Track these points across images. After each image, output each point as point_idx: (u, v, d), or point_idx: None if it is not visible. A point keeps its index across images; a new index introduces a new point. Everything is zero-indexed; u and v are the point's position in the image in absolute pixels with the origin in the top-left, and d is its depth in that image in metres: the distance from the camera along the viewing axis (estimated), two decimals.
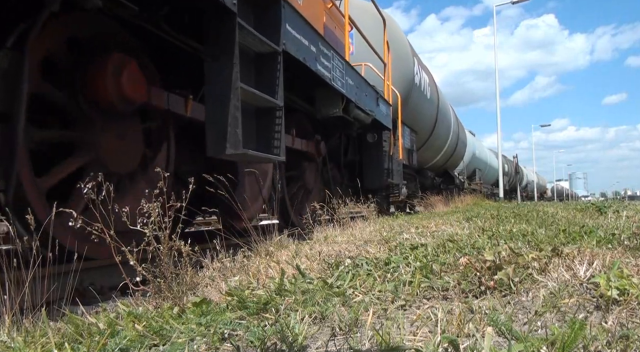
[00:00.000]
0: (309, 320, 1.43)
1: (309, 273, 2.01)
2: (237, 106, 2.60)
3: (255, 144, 3.05)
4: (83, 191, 1.73)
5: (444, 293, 1.69)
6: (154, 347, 1.30)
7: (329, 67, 4.32)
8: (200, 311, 1.53)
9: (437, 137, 12.28)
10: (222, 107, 2.61)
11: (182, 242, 1.93)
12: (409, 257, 2.22)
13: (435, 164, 13.73)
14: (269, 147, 3.09)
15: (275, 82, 3.11)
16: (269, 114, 3.11)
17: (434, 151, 12.76)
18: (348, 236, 3.62)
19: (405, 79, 8.85)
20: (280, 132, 3.09)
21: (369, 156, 7.04)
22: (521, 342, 1.08)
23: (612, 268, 1.64)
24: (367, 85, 5.81)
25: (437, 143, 12.62)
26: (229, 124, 2.59)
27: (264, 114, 3.11)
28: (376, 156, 6.99)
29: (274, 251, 2.79)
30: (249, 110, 2.97)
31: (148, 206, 1.85)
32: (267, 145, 3.09)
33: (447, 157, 14.55)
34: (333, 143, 6.40)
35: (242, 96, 2.67)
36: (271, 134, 3.11)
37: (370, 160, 7.02)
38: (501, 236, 2.93)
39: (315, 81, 4.24)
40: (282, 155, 3.11)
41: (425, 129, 11.03)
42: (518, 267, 1.82)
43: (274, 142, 3.10)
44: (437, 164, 14.00)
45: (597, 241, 2.52)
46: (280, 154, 3.10)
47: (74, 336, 1.38)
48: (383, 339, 1.17)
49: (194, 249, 1.99)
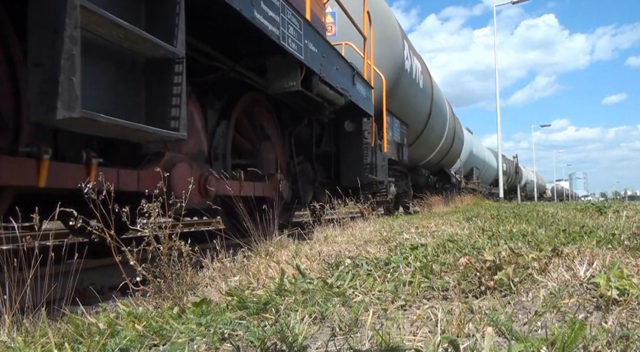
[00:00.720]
0: (309, 320, 1.43)
1: (309, 273, 2.01)
2: (74, 38, 1.67)
3: (143, 112, 2.23)
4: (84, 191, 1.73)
5: (444, 293, 1.69)
6: (154, 347, 1.30)
7: (276, 21, 3.27)
8: (200, 311, 1.53)
9: (431, 132, 11.12)
10: (50, 40, 1.68)
11: (182, 242, 1.93)
12: (409, 257, 2.22)
13: (430, 162, 12.79)
14: (163, 118, 2.22)
15: (174, 20, 2.22)
16: (163, 68, 2.22)
17: (428, 147, 11.73)
18: (348, 236, 3.62)
19: (393, 63, 7.65)
20: (180, 96, 2.22)
21: (347, 148, 5.93)
22: (521, 343, 1.08)
23: (612, 268, 1.64)
24: (338, 57, 4.75)
25: (431, 138, 11.51)
26: (61, 69, 1.66)
27: (155, 69, 2.24)
28: (356, 148, 5.90)
29: (274, 251, 2.79)
30: (126, 60, 2.17)
31: (148, 206, 1.85)
32: (162, 116, 2.23)
33: (442, 155, 13.59)
34: (302, 131, 5.31)
35: (97, 26, 1.84)
36: (166, 98, 2.23)
37: (348, 153, 5.93)
38: (501, 236, 2.93)
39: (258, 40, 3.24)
40: (182, 131, 2.23)
41: (418, 122, 9.88)
42: (518, 267, 1.82)
43: (170, 111, 2.23)
44: (432, 161, 13.02)
45: (597, 241, 2.53)
46: (179, 128, 2.22)
47: (74, 336, 1.38)
48: (383, 339, 1.17)
49: (194, 249, 1.99)
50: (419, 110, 9.80)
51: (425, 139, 10.88)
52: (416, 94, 9.35)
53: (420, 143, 10.59)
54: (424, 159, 11.99)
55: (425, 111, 10.37)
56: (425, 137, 10.80)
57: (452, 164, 16.24)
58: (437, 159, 13.38)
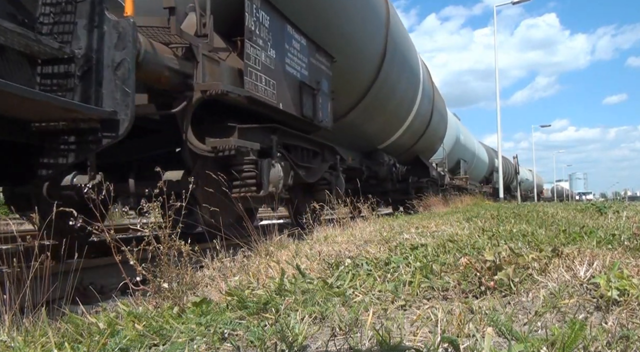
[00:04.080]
0: (309, 320, 1.43)
1: (309, 273, 2.01)
2: None
3: None
4: (84, 190, 1.73)
5: (444, 293, 1.69)
6: (154, 347, 1.30)
7: None
8: (200, 311, 1.53)
9: (390, 93, 7.20)
10: None
11: (182, 242, 1.93)
12: (409, 257, 2.22)
13: (396, 145, 8.99)
14: None
15: None
16: None
17: (390, 121, 8.04)
18: (348, 236, 3.61)
19: None
20: None
21: None
22: (521, 343, 1.08)
23: (612, 269, 1.64)
24: None
25: (392, 106, 7.61)
26: None
27: None
28: None
29: (274, 250, 2.79)
30: None
31: (148, 206, 1.86)
32: None
33: (415, 135, 9.84)
34: None
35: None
36: None
37: None
38: (501, 236, 2.93)
39: None
40: None
41: (360, 63, 6.02)
42: (518, 267, 1.82)
43: None
44: (400, 144, 9.22)
45: (597, 241, 2.53)
46: None
47: (74, 336, 1.38)
48: (383, 339, 1.17)
49: (194, 249, 1.99)
50: (360, 42, 5.84)
51: (381, 102, 7.03)
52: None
53: (371, 108, 6.75)
54: (385, 138, 8.39)
55: (376, 50, 6.33)
56: (381, 100, 6.97)
57: (432, 151, 12.46)
58: (408, 141, 9.71)
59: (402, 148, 9.60)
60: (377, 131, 7.88)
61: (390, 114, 7.86)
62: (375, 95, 6.68)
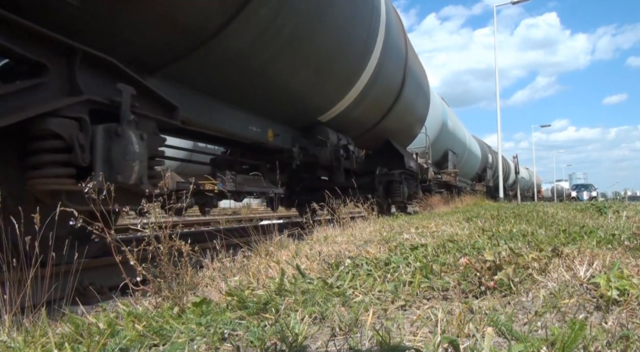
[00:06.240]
0: (309, 320, 1.43)
1: (309, 273, 2.01)
2: None
3: None
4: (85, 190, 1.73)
5: (444, 293, 1.69)
6: (154, 347, 1.30)
7: None
8: (200, 311, 1.53)
9: (316, 14, 4.20)
10: None
11: (182, 242, 1.93)
12: (409, 257, 2.22)
13: (348, 118, 6.11)
14: None
15: None
16: None
17: (327, 74, 5.01)
18: (348, 236, 3.62)
19: None
20: None
21: None
22: (521, 343, 1.08)
23: (612, 268, 1.64)
24: None
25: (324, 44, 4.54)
26: None
27: None
28: None
29: (274, 251, 2.79)
30: None
31: (148, 206, 1.85)
32: None
33: (379, 107, 6.79)
34: None
35: None
36: None
37: None
38: (501, 236, 2.93)
39: None
40: None
41: None
42: (518, 267, 1.82)
43: None
44: (355, 118, 6.32)
45: (597, 241, 2.53)
46: None
47: (74, 336, 1.38)
48: (383, 339, 1.17)
49: (194, 249, 1.99)
50: None
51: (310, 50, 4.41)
52: None
53: (275, 30, 3.85)
54: (328, 105, 5.54)
55: None
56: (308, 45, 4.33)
57: (409, 136, 9.41)
58: (369, 115, 6.67)
59: (360, 125, 6.62)
60: (310, 89, 4.95)
61: (325, 59, 4.75)
62: (286, 26, 3.89)
